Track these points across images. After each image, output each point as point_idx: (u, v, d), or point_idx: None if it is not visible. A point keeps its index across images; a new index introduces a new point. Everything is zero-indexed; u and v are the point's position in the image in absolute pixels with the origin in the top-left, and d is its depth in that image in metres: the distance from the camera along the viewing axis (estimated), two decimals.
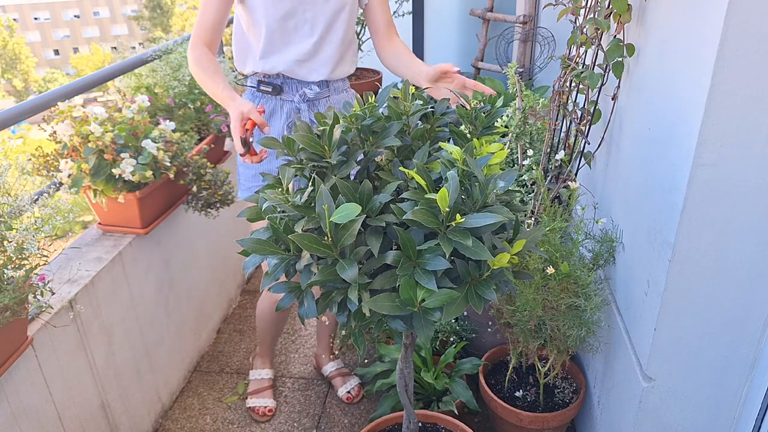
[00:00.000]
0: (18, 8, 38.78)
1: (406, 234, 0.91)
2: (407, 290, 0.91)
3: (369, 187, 0.98)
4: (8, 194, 1.30)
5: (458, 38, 3.82)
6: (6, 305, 1.25)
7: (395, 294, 0.94)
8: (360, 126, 1.08)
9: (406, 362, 1.32)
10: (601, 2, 1.55)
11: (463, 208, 0.92)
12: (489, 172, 0.98)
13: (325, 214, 0.91)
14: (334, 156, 1.03)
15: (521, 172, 2.07)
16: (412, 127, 1.13)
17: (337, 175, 1.02)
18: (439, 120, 1.17)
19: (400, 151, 1.12)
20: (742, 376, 1.34)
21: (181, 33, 3.21)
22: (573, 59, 1.75)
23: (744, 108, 1.07)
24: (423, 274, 0.91)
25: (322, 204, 0.91)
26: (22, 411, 1.43)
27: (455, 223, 0.89)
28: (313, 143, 1.04)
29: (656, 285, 1.31)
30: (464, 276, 0.96)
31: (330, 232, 0.92)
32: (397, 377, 1.35)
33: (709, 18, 1.07)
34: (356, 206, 0.90)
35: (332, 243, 0.93)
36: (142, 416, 1.99)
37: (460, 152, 0.95)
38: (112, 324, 1.80)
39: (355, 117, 1.08)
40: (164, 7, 36.53)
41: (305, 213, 0.97)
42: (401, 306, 0.93)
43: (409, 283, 0.91)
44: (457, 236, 0.88)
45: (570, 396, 1.86)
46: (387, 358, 2.04)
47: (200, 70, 1.56)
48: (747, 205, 1.15)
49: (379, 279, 0.96)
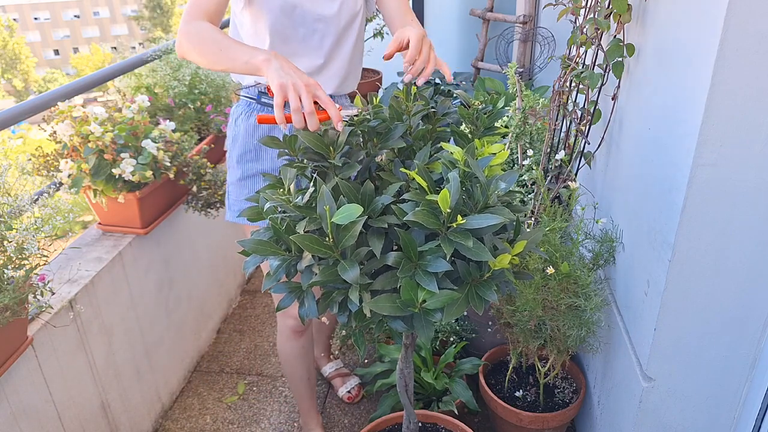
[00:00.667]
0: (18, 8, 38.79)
1: (408, 235, 0.91)
2: (408, 291, 0.91)
3: (371, 188, 0.98)
4: (8, 194, 1.30)
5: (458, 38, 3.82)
6: (6, 305, 1.25)
7: (396, 295, 0.94)
8: (365, 127, 1.08)
9: (406, 362, 1.32)
10: (601, 2, 1.55)
11: (464, 209, 0.92)
12: (490, 173, 0.98)
13: (326, 215, 0.91)
14: (337, 157, 1.03)
15: (521, 172, 2.07)
16: (413, 127, 1.13)
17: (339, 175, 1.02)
18: (441, 120, 1.17)
19: (401, 152, 1.13)
20: (742, 376, 1.34)
21: None
22: (573, 59, 1.75)
23: (744, 108, 1.07)
24: (424, 276, 0.91)
25: (324, 205, 0.91)
26: (22, 411, 1.43)
27: (456, 224, 0.89)
28: (318, 143, 1.04)
29: (656, 285, 1.31)
30: (465, 277, 0.96)
31: (331, 233, 0.92)
32: (397, 377, 1.35)
33: (709, 18, 1.07)
34: (358, 207, 0.90)
35: (333, 244, 0.93)
36: (142, 416, 1.99)
37: (461, 153, 0.95)
38: (112, 324, 1.80)
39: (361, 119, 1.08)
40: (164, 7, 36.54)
41: (307, 214, 0.97)
42: (402, 307, 0.93)
43: (410, 284, 0.91)
44: (458, 237, 0.88)
45: (570, 396, 1.85)
46: (387, 358, 2.04)
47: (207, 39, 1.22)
48: (747, 205, 1.15)
49: (380, 280, 0.96)
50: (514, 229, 1.04)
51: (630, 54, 1.51)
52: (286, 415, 2.12)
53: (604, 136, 1.73)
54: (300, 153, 1.07)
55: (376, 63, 3.61)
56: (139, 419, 1.97)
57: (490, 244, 0.96)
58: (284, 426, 2.08)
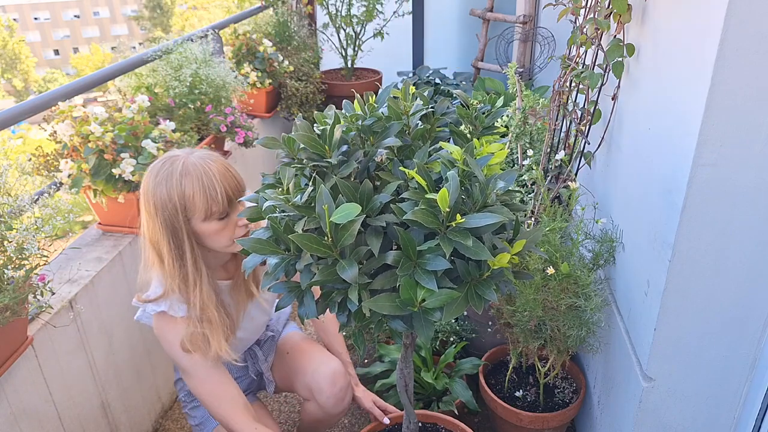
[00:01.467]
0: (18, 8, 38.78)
1: (407, 234, 0.91)
2: (407, 290, 0.91)
3: (369, 187, 0.98)
4: (8, 194, 1.30)
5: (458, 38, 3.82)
6: (6, 305, 1.25)
7: (395, 294, 0.94)
8: (360, 126, 1.08)
9: (406, 362, 1.32)
10: (601, 2, 1.55)
11: (464, 208, 0.92)
12: (489, 172, 0.98)
13: (325, 214, 0.91)
14: (334, 156, 1.03)
15: (521, 172, 2.07)
16: (412, 127, 1.13)
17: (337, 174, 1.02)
18: (440, 120, 1.17)
19: (400, 151, 1.12)
20: (742, 376, 1.34)
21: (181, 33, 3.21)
22: (573, 59, 1.75)
23: (744, 108, 1.07)
24: (423, 274, 0.91)
25: (322, 204, 0.91)
26: (22, 411, 1.42)
27: (455, 223, 0.89)
28: (314, 143, 1.04)
29: (656, 285, 1.31)
30: (464, 276, 0.96)
31: (330, 232, 0.92)
32: (397, 377, 1.35)
33: (709, 18, 1.07)
34: (356, 206, 0.90)
35: (332, 243, 0.92)
36: (142, 416, 1.99)
37: (460, 152, 0.95)
38: (112, 324, 1.80)
39: (356, 117, 1.08)
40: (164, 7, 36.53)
41: (306, 213, 0.97)
42: (401, 306, 0.93)
43: (409, 283, 0.91)
44: (457, 236, 0.88)
45: (570, 396, 1.85)
46: (387, 358, 2.04)
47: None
48: (747, 205, 1.15)
49: (380, 279, 0.96)
50: (514, 229, 1.04)
51: (630, 54, 1.50)
52: (286, 415, 2.12)
53: (604, 136, 1.73)
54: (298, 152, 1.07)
55: (376, 63, 3.62)
56: (139, 419, 1.97)
57: (489, 243, 0.96)
58: (284, 426, 2.08)
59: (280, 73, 3.12)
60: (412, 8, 3.58)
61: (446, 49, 3.84)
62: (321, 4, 3.29)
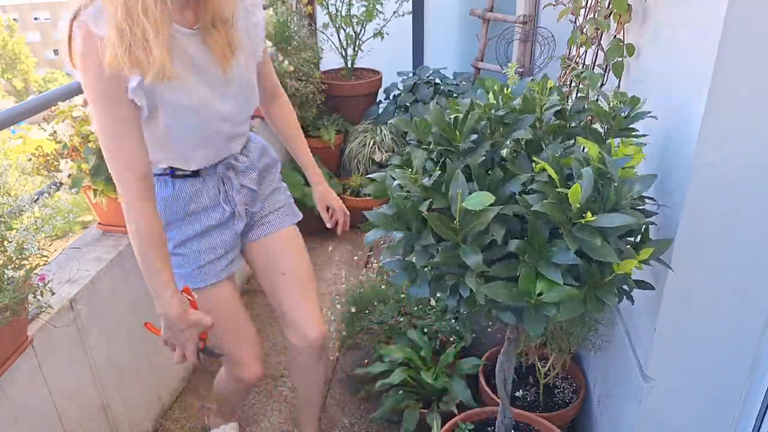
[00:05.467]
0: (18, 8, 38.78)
1: (537, 223, 0.90)
2: (527, 281, 0.90)
3: (499, 175, 0.97)
4: (8, 194, 1.30)
5: (458, 38, 3.82)
6: (6, 305, 1.25)
7: (512, 284, 0.92)
8: (493, 116, 1.07)
9: (508, 357, 1.29)
10: (601, 2, 1.55)
11: (593, 207, 0.90)
12: (623, 174, 0.96)
13: (458, 199, 0.90)
14: (464, 142, 1.03)
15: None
16: (544, 121, 1.12)
17: (464, 161, 1.02)
18: (574, 117, 1.15)
19: (529, 145, 1.11)
20: (742, 376, 1.34)
21: None
22: (573, 59, 1.75)
23: (744, 108, 1.07)
24: (548, 267, 0.89)
25: (457, 189, 0.91)
26: (22, 411, 1.42)
27: (585, 221, 0.87)
28: (447, 127, 1.03)
29: (656, 285, 1.31)
30: (585, 276, 0.93)
31: (459, 216, 0.91)
32: (497, 371, 1.33)
33: (709, 18, 1.07)
34: (490, 195, 0.89)
35: (459, 227, 0.92)
36: (142, 416, 1.99)
37: (597, 150, 0.93)
38: (112, 324, 1.80)
39: (490, 106, 1.07)
40: None
41: (431, 195, 0.96)
42: (517, 296, 0.91)
43: (529, 274, 0.90)
44: (585, 234, 0.86)
45: (570, 396, 1.86)
46: (387, 358, 2.04)
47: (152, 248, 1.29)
48: (747, 205, 1.15)
49: (497, 267, 0.95)
50: (642, 235, 1.01)
51: (630, 54, 1.50)
52: (286, 415, 2.12)
53: None
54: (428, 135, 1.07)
55: (376, 63, 3.62)
56: (139, 419, 1.97)
57: (614, 246, 0.93)
58: (284, 426, 2.08)
59: (279, 73, 3.12)
60: (412, 8, 3.58)
61: (446, 49, 3.83)
62: (321, 4, 3.29)
